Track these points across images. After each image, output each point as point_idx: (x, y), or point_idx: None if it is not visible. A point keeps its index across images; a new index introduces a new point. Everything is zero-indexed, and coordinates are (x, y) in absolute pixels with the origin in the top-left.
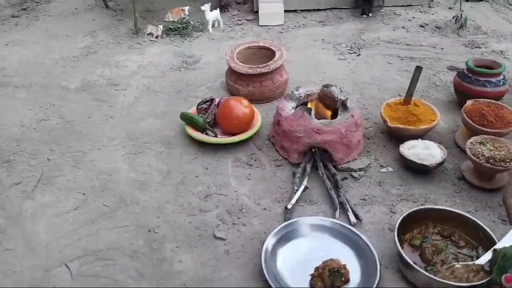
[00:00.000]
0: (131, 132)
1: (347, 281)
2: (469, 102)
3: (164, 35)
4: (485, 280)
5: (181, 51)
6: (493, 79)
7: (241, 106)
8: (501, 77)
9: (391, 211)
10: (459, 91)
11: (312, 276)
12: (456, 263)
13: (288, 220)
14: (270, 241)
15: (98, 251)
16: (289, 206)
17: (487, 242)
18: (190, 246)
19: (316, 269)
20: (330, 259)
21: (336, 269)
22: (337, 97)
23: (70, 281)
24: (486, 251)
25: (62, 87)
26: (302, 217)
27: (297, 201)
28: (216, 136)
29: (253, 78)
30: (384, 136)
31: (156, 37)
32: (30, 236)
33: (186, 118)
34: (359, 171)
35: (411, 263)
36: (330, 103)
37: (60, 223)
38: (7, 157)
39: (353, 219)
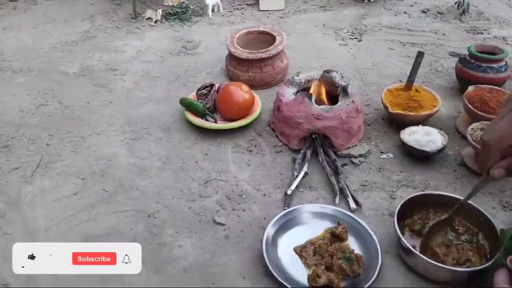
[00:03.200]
0: (130, 117)
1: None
2: (470, 88)
3: (163, 20)
4: (488, 264)
5: (180, 36)
6: (495, 65)
7: (241, 92)
8: (503, 63)
9: (391, 197)
10: (461, 77)
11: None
12: None
13: (288, 205)
14: (270, 229)
15: (97, 236)
16: (289, 192)
17: (487, 228)
18: (190, 231)
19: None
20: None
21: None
22: (338, 83)
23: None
24: (486, 237)
25: (60, 72)
26: (303, 205)
27: (297, 187)
28: (215, 121)
29: (253, 63)
30: (384, 122)
31: (155, 21)
32: (30, 221)
33: (186, 104)
34: (359, 157)
35: (411, 248)
36: (331, 89)
37: (60, 208)
38: (5, 142)
39: (352, 205)
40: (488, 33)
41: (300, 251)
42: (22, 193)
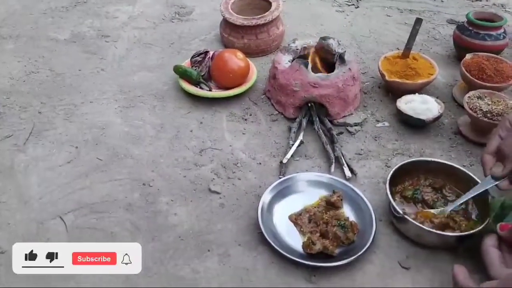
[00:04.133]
0: (123, 85)
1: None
2: (468, 56)
3: None
4: (478, 229)
5: (173, 1)
6: (494, 33)
7: (236, 59)
8: (502, 30)
9: (386, 165)
10: (459, 44)
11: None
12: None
13: (283, 174)
14: (266, 197)
15: (92, 204)
16: (285, 161)
17: (477, 194)
18: (185, 199)
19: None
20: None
21: (341, 222)
22: (335, 50)
23: (65, 234)
24: (475, 203)
25: (51, 39)
26: (298, 173)
27: (292, 155)
28: (210, 90)
29: (248, 30)
30: (381, 91)
31: None
32: (23, 189)
33: (180, 71)
34: (355, 125)
35: (402, 213)
36: (327, 57)
37: (53, 176)
38: None
39: (348, 173)
40: (487, 0)
41: (295, 218)
42: (15, 161)
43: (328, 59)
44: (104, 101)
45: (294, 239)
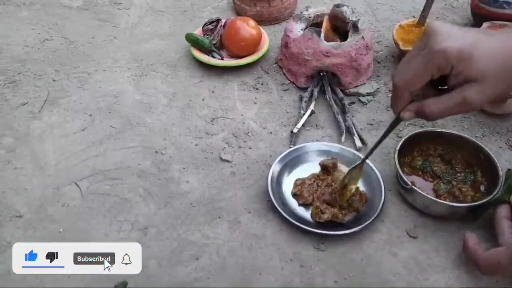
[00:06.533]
0: (135, 53)
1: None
2: (485, 25)
3: None
4: (488, 199)
5: None
6: None
7: (248, 27)
8: None
9: (397, 136)
10: (476, 12)
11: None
12: None
13: (294, 143)
14: (276, 166)
15: (106, 170)
16: (295, 130)
17: (487, 164)
18: (197, 167)
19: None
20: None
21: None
22: (348, 18)
23: (80, 199)
24: (484, 174)
25: (63, 6)
26: (309, 143)
27: (303, 125)
28: (222, 58)
29: None
30: (395, 60)
31: None
32: (39, 156)
33: (192, 40)
34: (367, 95)
35: (409, 183)
36: (341, 25)
37: (68, 143)
38: (12, 77)
39: (358, 143)
40: None
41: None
42: (30, 128)
43: (341, 27)
44: (117, 69)
45: (302, 208)
